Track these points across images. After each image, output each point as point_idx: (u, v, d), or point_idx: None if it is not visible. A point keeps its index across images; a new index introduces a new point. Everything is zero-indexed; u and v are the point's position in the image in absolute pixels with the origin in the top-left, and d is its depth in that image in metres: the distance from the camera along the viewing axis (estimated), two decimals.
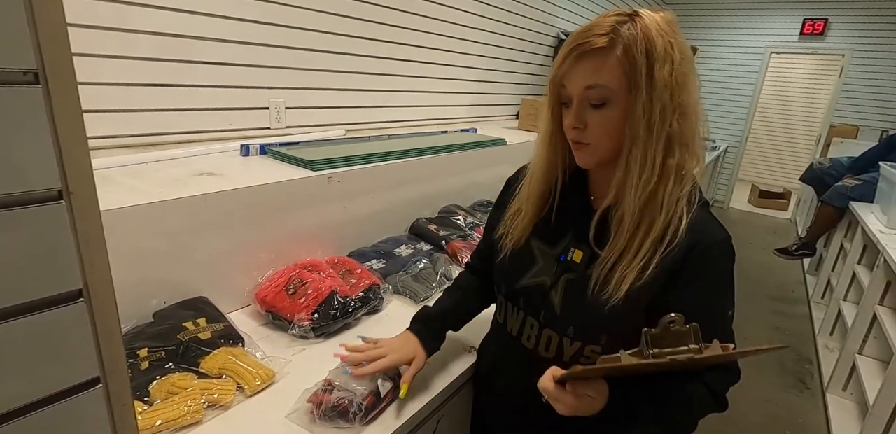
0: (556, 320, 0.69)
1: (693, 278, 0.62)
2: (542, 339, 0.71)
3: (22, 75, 0.28)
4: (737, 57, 5.46)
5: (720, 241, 0.63)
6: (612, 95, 0.59)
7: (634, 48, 0.57)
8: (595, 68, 0.59)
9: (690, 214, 0.62)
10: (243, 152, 1.28)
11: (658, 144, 0.59)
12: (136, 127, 1.22)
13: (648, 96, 0.57)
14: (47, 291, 0.31)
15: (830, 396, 2.12)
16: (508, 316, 0.76)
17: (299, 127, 1.67)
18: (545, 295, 0.69)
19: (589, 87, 0.60)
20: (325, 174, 1.17)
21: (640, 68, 0.57)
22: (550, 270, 0.70)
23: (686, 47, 0.60)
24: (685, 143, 0.60)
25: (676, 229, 0.60)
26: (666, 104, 0.58)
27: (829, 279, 2.96)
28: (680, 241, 0.60)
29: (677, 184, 0.61)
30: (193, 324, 0.88)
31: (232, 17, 1.35)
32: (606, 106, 0.60)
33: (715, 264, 0.63)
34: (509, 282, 0.74)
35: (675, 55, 0.57)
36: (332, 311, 0.94)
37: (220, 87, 1.38)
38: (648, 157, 0.59)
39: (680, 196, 0.62)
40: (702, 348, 0.52)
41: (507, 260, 0.75)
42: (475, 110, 2.60)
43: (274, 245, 1.08)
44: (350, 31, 1.72)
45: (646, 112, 0.58)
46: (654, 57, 0.57)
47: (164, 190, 0.91)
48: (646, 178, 0.60)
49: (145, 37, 1.17)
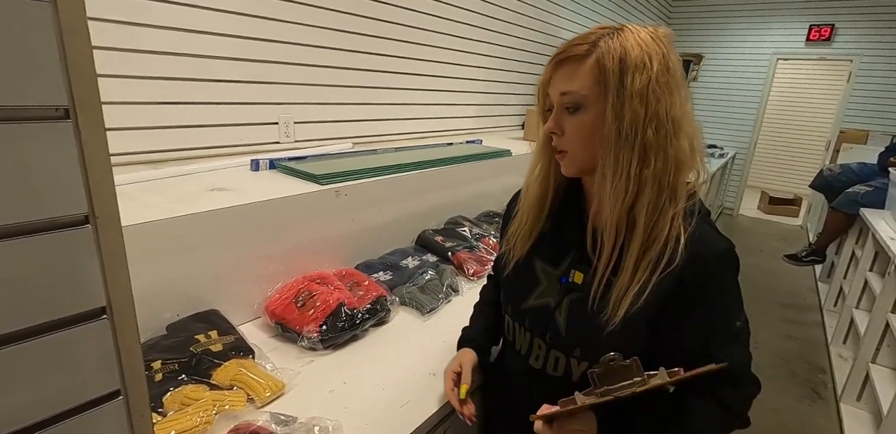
0: (562, 341, 0.69)
1: (694, 296, 0.61)
2: (549, 360, 0.71)
3: (54, 111, 0.30)
4: (743, 64, 5.46)
5: (720, 253, 0.62)
6: (586, 101, 0.61)
7: (608, 56, 0.58)
8: (570, 75, 0.61)
9: (689, 230, 0.60)
10: (253, 167, 1.31)
11: (631, 153, 0.59)
12: (152, 143, 1.26)
13: (620, 103, 0.58)
14: (73, 309, 0.34)
15: (844, 406, 2.08)
16: (517, 335, 0.76)
17: (308, 141, 1.71)
18: (550, 316, 0.70)
19: (564, 92, 0.62)
20: (333, 188, 1.20)
21: (612, 76, 0.58)
22: (554, 291, 0.70)
23: (673, 62, 0.60)
24: (667, 155, 0.59)
25: (674, 250, 0.59)
26: (638, 113, 0.58)
27: (840, 286, 2.92)
28: (679, 260, 0.59)
29: (670, 199, 0.61)
30: (205, 336, 0.91)
31: (243, 36, 1.40)
32: (580, 111, 0.61)
33: (715, 279, 0.62)
34: (515, 303, 0.75)
35: (652, 66, 0.58)
36: (340, 323, 0.96)
37: (231, 104, 1.42)
38: (622, 164, 0.59)
39: (676, 213, 0.61)
40: (645, 379, 0.53)
41: (512, 280, 0.76)
42: (481, 121, 2.64)
43: (283, 258, 1.10)
44: (356, 47, 1.77)
45: (617, 119, 0.58)
46: (627, 65, 0.58)
47: (177, 205, 0.94)
48: (620, 187, 0.60)
49: (162, 57, 1.22)
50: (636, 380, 0.53)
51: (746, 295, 0.64)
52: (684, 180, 0.62)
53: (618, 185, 0.60)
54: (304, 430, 0.69)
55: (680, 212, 0.61)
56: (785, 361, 2.55)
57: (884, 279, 2.02)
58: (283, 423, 0.71)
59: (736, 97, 5.55)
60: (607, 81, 0.58)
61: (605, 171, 0.61)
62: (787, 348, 2.68)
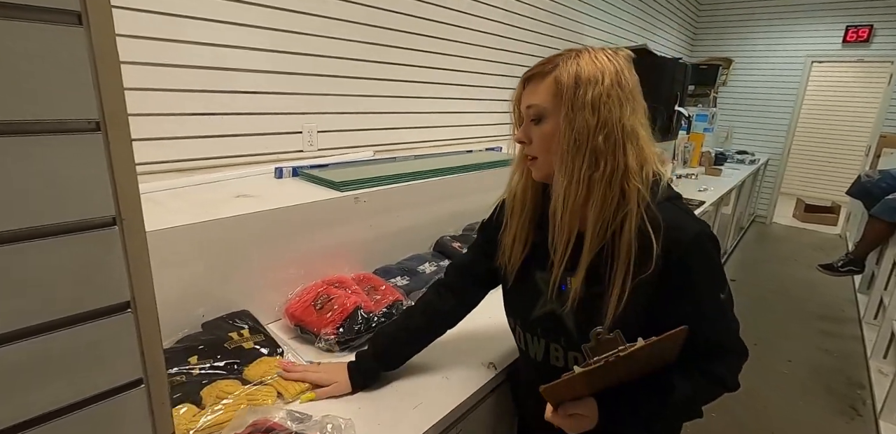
0: (576, 343, 0.72)
1: (679, 283, 0.66)
2: (569, 360, 0.76)
3: (87, 124, 0.34)
4: (775, 67, 5.31)
5: (693, 238, 0.66)
6: (546, 112, 0.68)
7: (565, 73, 0.66)
8: (534, 90, 0.70)
9: (658, 225, 0.65)
10: (277, 175, 1.36)
11: (582, 158, 0.65)
12: (182, 152, 1.33)
13: (573, 113, 0.65)
14: (101, 303, 0.37)
15: (884, 424, 1.98)
16: (529, 344, 0.81)
17: (331, 149, 1.76)
18: (560, 322, 0.74)
19: (529, 106, 0.70)
20: (352, 195, 1.24)
21: (567, 90, 0.65)
22: (557, 300, 0.74)
23: (626, 78, 0.67)
24: (616, 160, 0.65)
25: (648, 255, 0.64)
26: (589, 122, 0.64)
27: (881, 298, 2.78)
28: (654, 265, 0.64)
29: (619, 200, 0.66)
30: (238, 334, 0.95)
31: (269, 49, 1.47)
32: (543, 122, 0.69)
33: (696, 263, 0.66)
34: (523, 315, 0.80)
35: (603, 81, 0.65)
36: (357, 326, 0.98)
37: (257, 114, 1.49)
38: (574, 167, 0.66)
39: (628, 212, 0.65)
40: (627, 347, 0.61)
41: (515, 294, 0.81)
42: (502, 129, 2.65)
43: (303, 262, 1.14)
44: (379, 58, 1.82)
45: (570, 127, 0.65)
46: (581, 80, 0.65)
47: (204, 211, 0.99)
48: (571, 189, 0.66)
49: (194, 71, 1.29)
50: (620, 348, 0.61)
51: (780, 306, 0.67)
52: (635, 184, 0.66)
53: (568, 187, 0.66)
54: (317, 428, 0.71)
55: (634, 210, 0.66)
56: (821, 376, 2.44)
57: None
58: (298, 421, 0.73)
59: (768, 101, 5.39)
60: (563, 94, 0.66)
61: (558, 175, 0.68)
62: (823, 362, 2.57)
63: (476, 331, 1.10)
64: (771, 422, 2.06)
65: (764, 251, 4.53)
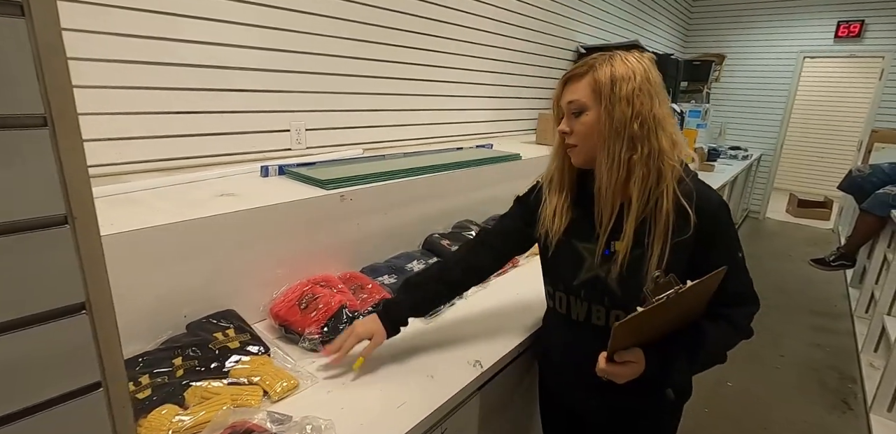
0: (620, 301, 0.84)
1: (709, 241, 0.79)
2: (611, 317, 0.86)
3: (32, 119, 0.33)
4: (768, 63, 5.32)
5: (718, 204, 0.80)
6: (586, 107, 0.80)
7: (602, 73, 0.78)
8: (573, 89, 0.82)
9: (691, 196, 0.77)
10: (263, 173, 1.35)
11: (621, 143, 0.77)
12: (165, 151, 1.31)
13: (611, 106, 0.77)
14: (54, 304, 0.36)
15: (875, 418, 1.99)
16: (572, 307, 0.91)
17: (319, 147, 1.74)
18: (604, 285, 0.84)
19: (570, 101, 0.82)
20: (338, 193, 1.23)
21: (604, 86, 0.77)
22: (601, 265, 0.84)
23: (653, 75, 0.79)
24: (650, 144, 0.77)
25: (686, 220, 0.77)
26: (625, 112, 0.76)
27: (872, 292, 2.79)
28: (692, 228, 0.77)
29: (658, 178, 0.78)
30: (223, 334, 0.94)
31: (257, 46, 1.45)
32: (583, 114, 0.81)
33: (720, 225, 0.80)
34: (567, 280, 0.89)
35: (635, 78, 0.77)
36: (342, 325, 0.97)
37: (243, 113, 1.47)
38: (615, 151, 0.77)
39: (666, 187, 0.77)
40: (682, 287, 0.68)
41: (557, 261, 0.91)
42: (493, 126, 2.64)
43: (289, 261, 1.13)
44: (366, 54, 1.80)
45: (609, 118, 0.77)
46: (616, 79, 0.77)
47: (186, 210, 0.97)
48: (613, 170, 0.78)
49: (181, 69, 1.28)
50: (675, 288, 0.68)
51: (774, 301, 0.76)
52: (669, 163, 0.78)
53: (611, 168, 0.78)
54: (297, 429, 0.71)
55: (671, 185, 0.78)
56: (814, 371, 2.45)
57: None
58: (278, 422, 0.72)
59: (761, 97, 5.39)
60: (601, 91, 0.78)
61: (602, 158, 0.79)
62: (816, 357, 2.58)
63: (463, 329, 1.10)
64: (763, 416, 2.07)
65: (757, 246, 4.54)
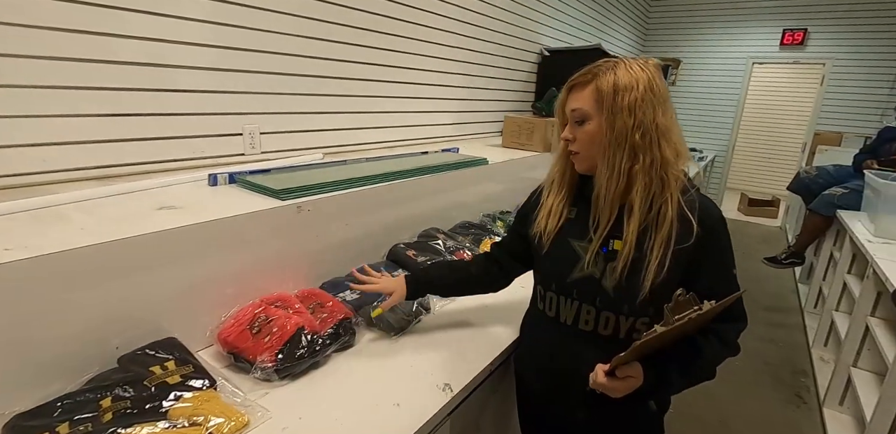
0: (611, 303, 0.82)
1: (707, 252, 0.78)
2: (600, 321, 0.84)
3: None
4: (720, 68, 5.54)
5: (718, 217, 0.80)
6: (589, 116, 0.79)
7: (605, 82, 0.76)
8: (577, 97, 0.81)
9: (694, 207, 0.77)
10: (211, 182, 1.24)
11: (622, 153, 0.76)
12: (101, 158, 1.19)
13: (612, 116, 0.76)
14: None
15: (827, 411, 2.07)
16: (561, 307, 0.88)
17: (275, 152, 1.64)
18: (598, 284, 0.82)
19: (573, 109, 0.81)
20: (295, 203, 1.14)
21: (607, 97, 0.76)
22: (596, 262, 0.83)
23: (657, 84, 0.76)
24: (653, 154, 0.76)
25: (689, 229, 0.76)
26: (627, 123, 0.75)
27: (820, 288, 2.93)
28: (694, 236, 0.76)
29: (661, 187, 0.77)
30: (161, 367, 0.84)
31: (209, 44, 1.35)
32: (586, 123, 0.80)
33: (721, 237, 0.80)
34: (560, 278, 0.87)
35: (638, 87, 0.75)
36: (299, 351, 0.89)
37: (192, 115, 1.36)
38: (615, 161, 0.76)
39: (670, 196, 0.76)
40: (701, 307, 0.67)
41: (551, 259, 0.89)
42: (458, 129, 2.60)
43: (240, 279, 1.04)
44: (325, 54, 1.71)
45: (610, 128, 0.76)
46: (618, 88, 0.75)
47: (119, 227, 0.87)
48: (613, 179, 0.77)
49: (117, 67, 1.16)
50: (695, 308, 0.67)
51: None
52: (674, 172, 0.77)
53: (610, 177, 0.77)
54: None
55: (675, 195, 0.77)
56: (769, 366, 2.54)
57: (863, 283, 2.02)
58: None
59: (714, 100, 5.61)
60: (603, 100, 0.76)
61: (602, 168, 0.79)
62: (770, 352, 2.68)
63: (430, 347, 1.04)
64: (722, 412, 2.12)
65: None
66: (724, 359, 0.83)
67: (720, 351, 0.81)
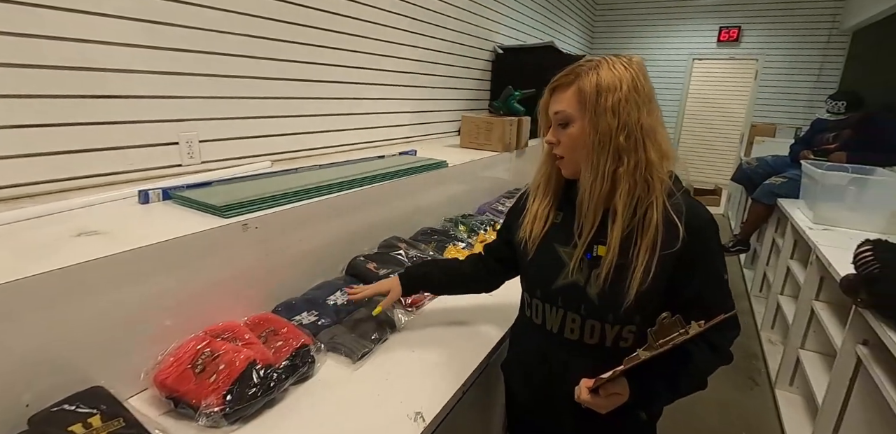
0: (596, 310, 0.79)
1: (696, 258, 0.75)
2: (585, 330, 0.81)
3: None
4: (664, 64, 5.74)
5: (707, 221, 0.77)
6: (572, 118, 0.76)
7: (587, 83, 0.73)
8: (559, 98, 0.78)
9: (682, 211, 0.74)
10: (142, 199, 1.11)
11: (606, 155, 0.73)
12: (14, 176, 1.03)
13: (596, 117, 0.73)
14: None
15: (779, 392, 2.17)
16: (547, 315, 0.85)
17: (218, 161, 1.51)
18: (582, 291, 0.80)
19: (556, 112, 0.78)
20: (240, 221, 1.03)
21: (590, 97, 0.73)
22: (581, 269, 0.80)
23: (641, 83, 0.73)
24: (637, 156, 0.73)
25: (674, 234, 0.73)
26: (610, 124, 0.72)
27: (764, 273, 3.08)
28: (680, 242, 0.73)
29: (646, 190, 0.74)
30: (83, 426, 0.71)
31: (138, 44, 1.21)
32: (570, 125, 0.77)
33: (710, 242, 0.77)
34: (544, 285, 0.84)
35: (621, 88, 0.72)
36: (251, 390, 0.80)
37: (119, 123, 1.21)
38: (599, 164, 0.74)
39: (655, 199, 0.73)
40: (687, 330, 0.65)
41: (536, 265, 0.86)
42: (415, 129, 2.52)
43: (180, 310, 0.92)
44: (270, 54, 1.59)
45: (594, 130, 0.74)
46: (601, 89, 0.72)
47: (25, 262, 0.74)
48: (598, 183, 0.74)
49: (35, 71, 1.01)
50: (680, 331, 0.65)
51: None
52: (659, 175, 0.74)
53: (594, 181, 0.75)
54: None
55: (661, 198, 0.74)
56: None
57: (807, 269, 2.12)
58: None
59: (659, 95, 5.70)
60: (586, 102, 0.73)
61: (585, 171, 0.76)
62: None
63: (398, 371, 0.97)
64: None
65: None
66: (716, 368, 0.81)
67: (711, 360, 0.79)
